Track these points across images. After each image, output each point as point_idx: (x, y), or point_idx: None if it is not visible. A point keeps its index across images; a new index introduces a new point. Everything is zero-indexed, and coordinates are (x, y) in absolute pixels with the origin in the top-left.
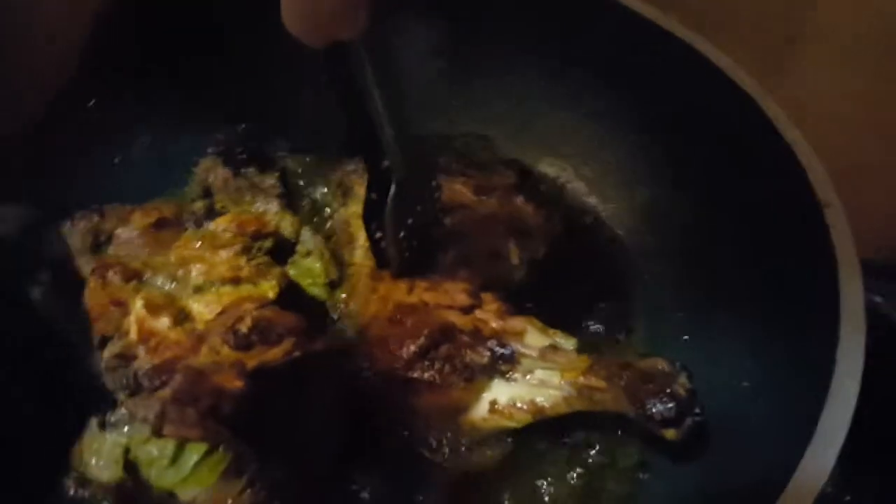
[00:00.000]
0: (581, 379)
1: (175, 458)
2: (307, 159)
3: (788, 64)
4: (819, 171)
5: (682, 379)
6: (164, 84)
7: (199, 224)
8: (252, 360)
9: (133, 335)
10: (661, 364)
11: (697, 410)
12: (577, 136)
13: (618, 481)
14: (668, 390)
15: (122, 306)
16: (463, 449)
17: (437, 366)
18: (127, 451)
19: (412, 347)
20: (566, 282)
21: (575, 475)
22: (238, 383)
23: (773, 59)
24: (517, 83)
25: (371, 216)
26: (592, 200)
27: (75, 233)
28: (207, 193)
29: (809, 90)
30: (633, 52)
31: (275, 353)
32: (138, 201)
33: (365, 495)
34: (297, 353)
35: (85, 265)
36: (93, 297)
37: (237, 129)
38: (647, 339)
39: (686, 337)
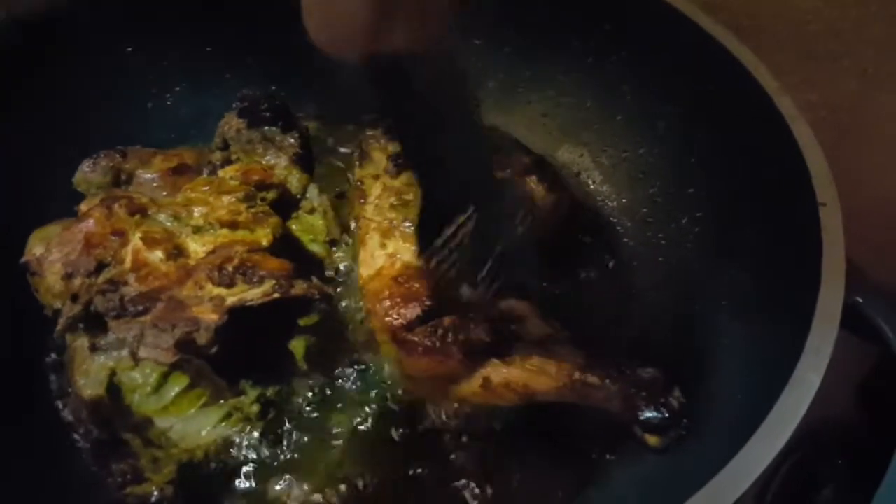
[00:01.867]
0: (577, 374)
1: (157, 388)
2: (329, 124)
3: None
4: (822, 171)
5: (677, 392)
6: (202, 40)
7: (214, 173)
8: (232, 297)
9: (127, 264)
10: (658, 375)
11: (684, 423)
12: (599, 125)
13: (582, 464)
14: (663, 401)
15: (122, 236)
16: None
17: (438, 333)
18: (113, 374)
19: (416, 310)
20: (568, 263)
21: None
22: (213, 317)
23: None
24: (548, 70)
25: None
26: (606, 189)
27: (98, 168)
28: (226, 145)
29: None
30: (666, 46)
31: (254, 294)
32: (164, 147)
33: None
34: (275, 296)
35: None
36: (96, 224)
37: (267, 89)
38: (637, 329)
39: (675, 331)
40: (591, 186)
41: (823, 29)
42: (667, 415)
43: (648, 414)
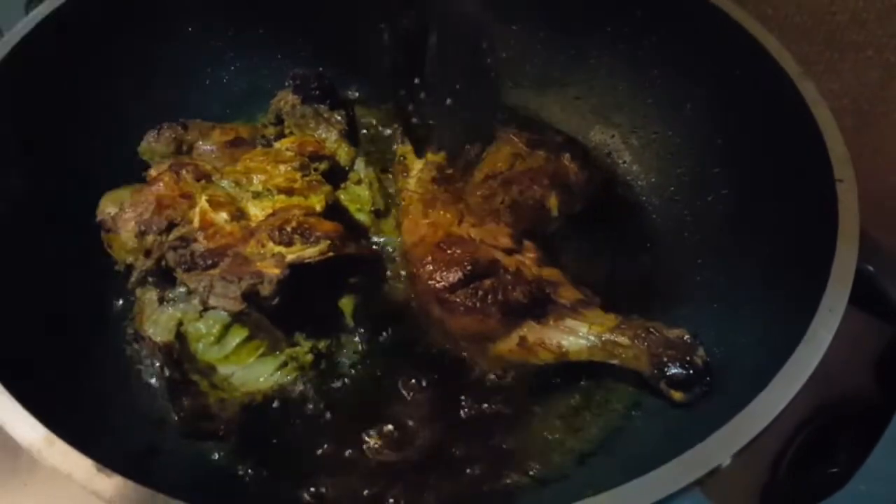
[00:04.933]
0: (607, 334)
1: (220, 338)
2: (373, 105)
3: None
4: (840, 150)
5: (701, 351)
6: (255, 23)
7: (268, 145)
8: (291, 255)
9: (195, 223)
10: (685, 335)
11: (707, 380)
12: (631, 107)
13: (610, 416)
14: (689, 358)
15: (190, 199)
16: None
17: (479, 294)
18: (180, 324)
19: (459, 273)
20: (597, 238)
21: (571, 403)
22: (276, 271)
23: None
24: (581, 55)
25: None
26: (636, 169)
27: (161, 139)
28: (279, 121)
29: None
30: (694, 32)
31: (311, 252)
32: (220, 121)
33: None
34: (331, 254)
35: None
36: (166, 188)
37: (316, 70)
38: (665, 295)
39: (700, 298)
40: (622, 166)
41: (848, 19)
42: (692, 372)
43: (674, 370)
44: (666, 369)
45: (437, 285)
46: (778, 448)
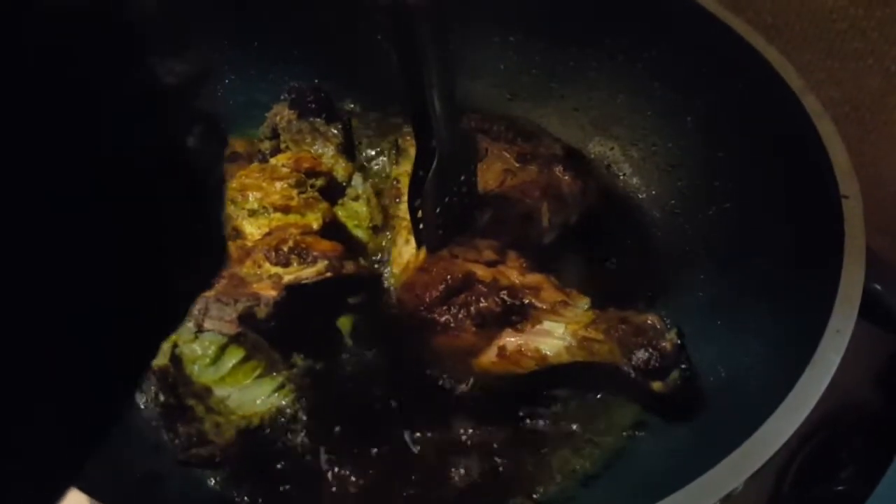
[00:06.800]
0: (582, 331)
1: (216, 359)
2: (369, 118)
3: None
4: (845, 165)
5: (671, 335)
6: (253, 36)
7: (264, 161)
8: (288, 276)
9: None
10: (653, 319)
11: (683, 365)
12: (630, 119)
13: (614, 437)
14: (654, 343)
15: None
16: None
17: (453, 310)
18: (175, 346)
19: (434, 292)
20: (597, 252)
21: (573, 423)
22: (273, 293)
23: None
24: (580, 67)
25: (416, 193)
26: (636, 182)
27: None
28: (276, 135)
29: None
30: (695, 45)
31: (309, 273)
32: None
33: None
34: (328, 275)
35: None
36: None
37: (312, 83)
38: (667, 312)
39: (701, 315)
40: (622, 178)
41: (848, 28)
42: (660, 355)
43: (640, 355)
44: (632, 357)
45: (418, 307)
46: (782, 461)
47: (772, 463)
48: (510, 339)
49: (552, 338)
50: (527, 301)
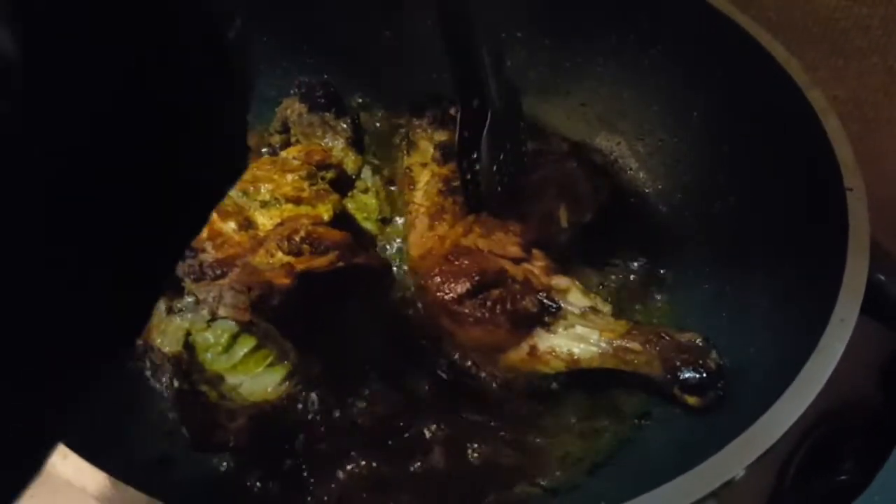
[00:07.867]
0: (619, 340)
1: (228, 347)
2: (379, 113)
3: None
4: (849, 158)
5: (714, 354)
6: (262, 30)
7: (275, 154)
8: (301, 265)
9: (204, 233)
10: (697, 339)
11: (721, 384)
12: (636, 114)
13: (619, 425)
14: (702, 362)
15: None
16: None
17: (487, 305)
18: (188, 334)
19: (467, 284)
20: (605, 247)
21: (580, 413)
22: (286, 281)
23: None
24: (586, 63)
25: (466, 153)
26: (642, 176)
27: None
28: (286, 129)
29: None
30: (700, 41)
31: (321, 262)
32: None
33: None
34: (340, 264)
35: None
36: None
37: (320, 77)
38: (673, 305)
39: (707, 306)
40: (628, 173)
41: (852, 26)
42: (705, 375)
43: (688, 374)
44: (679, 374)
45: (445, 297)
46: (784, 454)
47: (774, 455)
48: (542, 340)
49: (586, 343)
50: (559, 302)
